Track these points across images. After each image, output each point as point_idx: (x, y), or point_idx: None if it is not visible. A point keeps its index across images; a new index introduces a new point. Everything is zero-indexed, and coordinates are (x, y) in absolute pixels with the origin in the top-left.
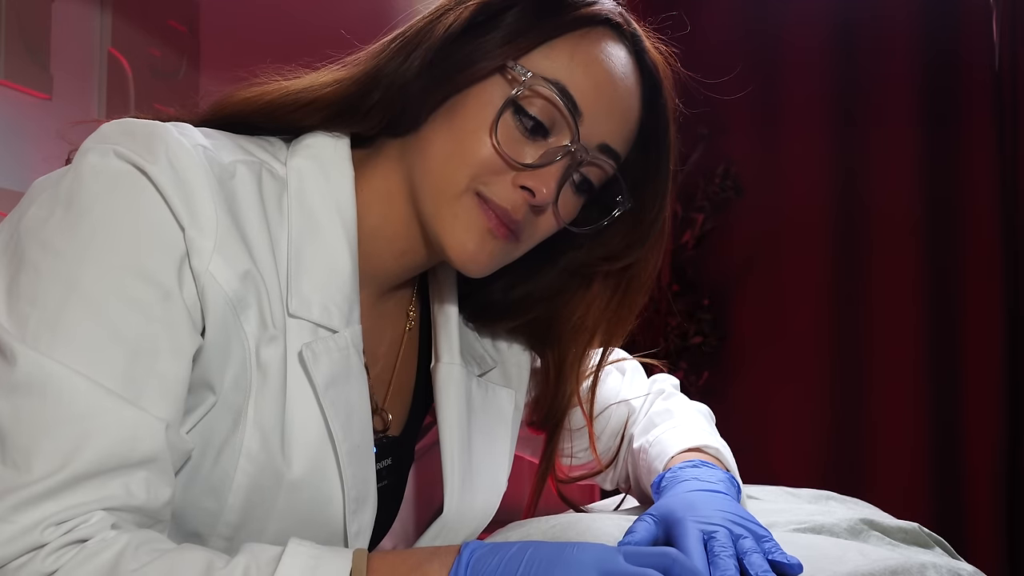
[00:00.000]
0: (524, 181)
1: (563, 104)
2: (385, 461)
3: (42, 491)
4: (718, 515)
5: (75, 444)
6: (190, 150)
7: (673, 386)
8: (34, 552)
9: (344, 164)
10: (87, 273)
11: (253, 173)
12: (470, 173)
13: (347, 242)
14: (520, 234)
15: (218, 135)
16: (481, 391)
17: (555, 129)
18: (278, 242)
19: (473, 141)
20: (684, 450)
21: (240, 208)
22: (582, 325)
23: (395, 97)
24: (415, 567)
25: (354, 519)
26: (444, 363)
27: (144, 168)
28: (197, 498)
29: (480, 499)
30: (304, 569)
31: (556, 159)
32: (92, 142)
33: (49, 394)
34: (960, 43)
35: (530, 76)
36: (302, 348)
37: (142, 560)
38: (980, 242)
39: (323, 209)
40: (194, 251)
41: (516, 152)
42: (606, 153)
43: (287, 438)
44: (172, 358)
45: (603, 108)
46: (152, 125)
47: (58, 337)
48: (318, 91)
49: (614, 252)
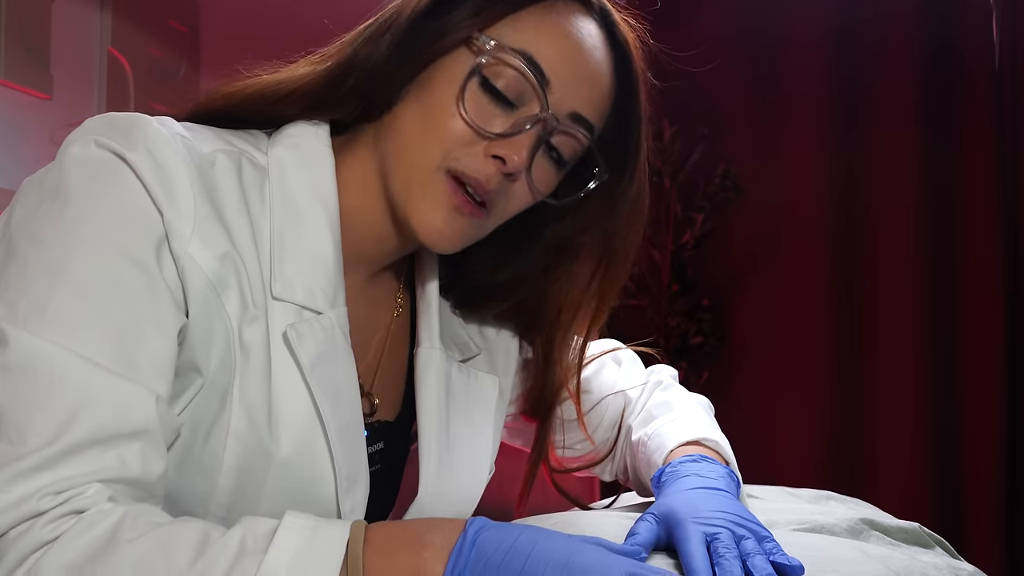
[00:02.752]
0: (495, 150)
1: (530, 72)
2: (377, 445)
3: (37, 462)
4: (720, 515)
5: (68, 416)
6: (168, 138)
7: (671, 376)
8: (32, 520)
9: (324, 151)
10: (72, 257)
11: (233, 162)
12: (442, 149)
13: (329, 228)
14: (492, 207)
15: (199, 128)
16: (463, 377)
17: (525, 99)
18: (259, 229)
19: (443, 115)
20: (683, 443)
21: (220, 195)
22: (566, 304)
23: (367, 81)
24: (414, 539)
25: (347, 497)
26: (424, 348)
27: (123, 155)
28: (189, 480)
29: (460, 484)
30: (300, 538)
31: (526, 127)
32: (75, 135)
33: (41, 372)
34: (960, 43)
35: (494, 45)
36: (286, 328)
37: (139, 530)
38: (980, 242)
39: (305, 197)
40: (173, 234)
41: (486, 122)
42: (578, 122)
43: (274, 417)
44: (158, 335)
45: (571, 77)
46: (133, 116)
47: (47, 318)
48: (296, 82)
49: (591, 225)
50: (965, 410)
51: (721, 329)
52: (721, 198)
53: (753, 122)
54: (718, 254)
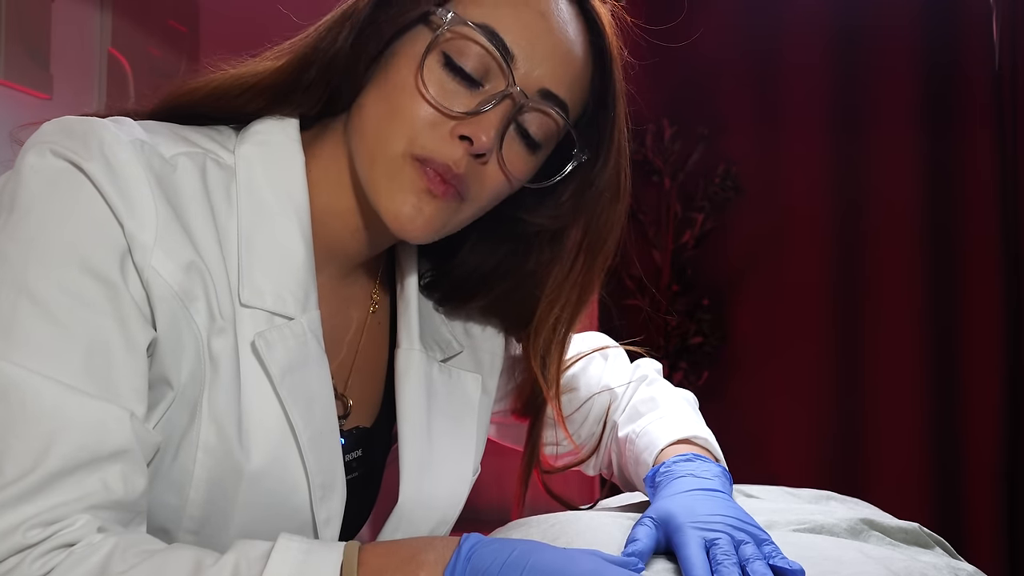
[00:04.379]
0: (461, 130)
1: (491, 46)
2: (355, 453)
3: (18, 493)
4: (718, 520)
5: (44, 443)
6: (127, 145)
7: (656, 371)
8: (22, 555)
9: (293, 147)
10: (32, 274)
11: (196, 165)
12: (406, 134)
13: (299, 226)
14: (465, 192)
15: (159, 128)
16: (444, 376)
17: (490, 76)
18: (226, 233)
19: (403, 95)
20: (674, 442)
21: (182, 201)
22: (549, 295)
23: (329, 69)
24: (409, 558)
25: (322, 507)
26: (403, 349)
27: (80, 165)
28: (160, 494)
29: (443, 488)
30: (294, 562)
31: (492, 104)
32: (31, 142)
33: (12, 397)
34: (960, 44)
35: (452, 17)
36: (255, 337)
37: (130, 562)
38: (980, 242)
39: (273, 195)
40: (135, 246)
41: (449, 101)
42: (548, 99)
43: (244, 430)
44: (126, 351)
45: (538, 51)
46: (89, 122)
47: (13, 341)
48: (260, 75)
49: (570, 211)
50: (965, 410)
51: (721, 329)
52: (721, 198)
53: (753, 122)
54: (718, 254)
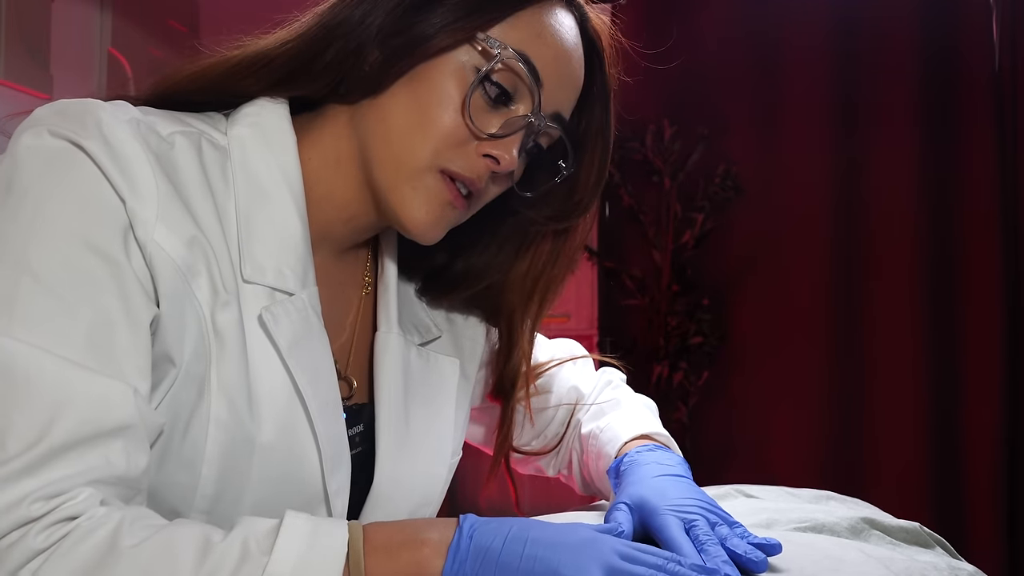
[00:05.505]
0: (488, 150)
1: (528, 74)
2: (357, 427)
3: (21, 467)
4: (692, 503)
5: (48, 417)
6: (124, 123)
7: (620, 379)
8: (25, 528)
9: (285, 128)
10: (34, 252)
11: (192, 143)
12: (433, 147)
13: (296, 207)
14: (476, 200)
15: (155, 111)
16: (421, 360)
17: (517, 98)
18: (225, 210)
19: (439, 112)
20: (636, 437)
21: (181, 178)
22: (525, 286)
23: (350, 58)
24: (412, 536)
25: (332, 478)
26: (382, 332)
27: (79, 143)
28: (171, 474)
29: (420, 468)
30: (302, 537)
31: (519, 129)
32: (25, 125)
33: (16, 373)
34: (960, 43)
35: (499, 46)
36: (261, 311)
37: (139, 536)
38: (980, 242)
39: (268, 176)
40: (137, 222)
41: (482, 122)
42: (556, 121)
43: (254, 401)
44: (129, 327)
45: (561, 78)
46: (84, 103)
47: (15, 318)
48: (265, 56)
49: (556, 214)
50: (965, 410)
51: (721, 329)
52: (721, 198)
53: (753, 122)
54: (718, 254)
